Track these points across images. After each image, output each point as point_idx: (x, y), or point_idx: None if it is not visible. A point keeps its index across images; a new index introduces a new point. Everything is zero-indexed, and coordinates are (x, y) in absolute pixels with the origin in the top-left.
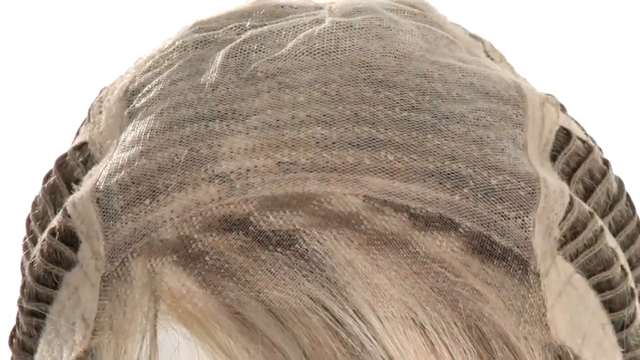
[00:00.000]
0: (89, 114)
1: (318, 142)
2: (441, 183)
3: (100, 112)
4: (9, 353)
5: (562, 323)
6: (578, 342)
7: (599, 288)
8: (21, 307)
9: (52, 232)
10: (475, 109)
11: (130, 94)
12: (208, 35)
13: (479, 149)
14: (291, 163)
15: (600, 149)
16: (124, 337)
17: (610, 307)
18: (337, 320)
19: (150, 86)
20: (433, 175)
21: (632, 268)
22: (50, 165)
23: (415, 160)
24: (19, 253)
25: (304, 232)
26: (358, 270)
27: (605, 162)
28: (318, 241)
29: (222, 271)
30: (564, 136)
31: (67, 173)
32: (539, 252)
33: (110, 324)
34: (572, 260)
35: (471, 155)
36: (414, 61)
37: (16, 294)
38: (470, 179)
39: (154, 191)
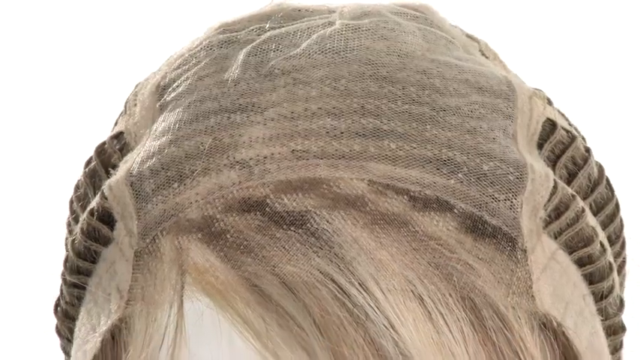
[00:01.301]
0: (125, 107)
1: (328, 132)
2: (438, 169)
3: (135, 105)
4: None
5: (546, 294)
6: (561, 311)
7: (580, 263)
8: (64, 280)
9: (92, 212)
10: (469, 102)
11: (161, 89)
12: (232, 36)
13: (472, 138)
14: (303, 151)
15: (583, 138)
16: (154, 306)
17: (590, 279)
18: (344, 292)
19: (179, 82)
20: (431, 162)
21: (612, 244)
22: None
23: (415, 148)
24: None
25: (315, 212)
26: (363, 247)
27: (587, 149)
28: (327, 221)
29: (242, 247)
30: (550, 126)
31: (105, 159)
32: (526, 230)
33: (142, 295)
34: (556, 238)
35: (465, 144)
36: (415, 59)
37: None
38: (464, 165)
39: (181, 176)
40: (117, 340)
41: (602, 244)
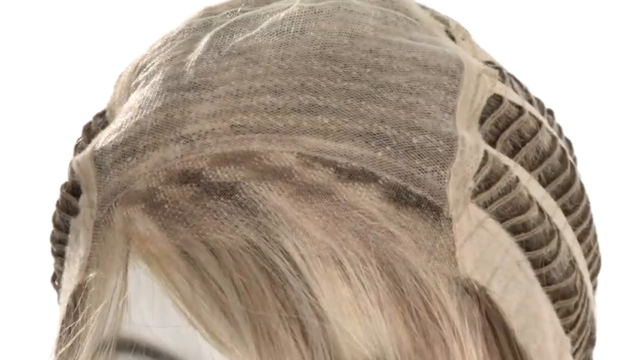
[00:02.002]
0: (113, 86)
1: (266, 108)
2: (367, 142)
3: (117, 84)
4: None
5: (470, 260)
6: (487, 276)
7: (514, 230)
8: (52, 251)
9: (64, 186)
10: (411, 79)
11: (138, 69)
12: (209, 19)
13: (406, 113)
14: (241, 126)
15: (550, 112)
16: (105, 273)
17: (527, 246)
18: (266, 258)
19: (152, 62)
20: (361, 135)
21: (568, 213)
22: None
23: (347, 122)
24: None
25: (244, 183)
26: (286, 215)
27: (539, 123)
28: (255, 191)
29: (176, 217)
30: (496, 101)
31: (89, 136)
32: (452, 200)
33: (97, 262)
34: (486, 207)
35: (398, 118)
36: (365, 40)
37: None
38: (393, 139)
39: (135, 150)
40: (77, 303)
41: (541, 212)
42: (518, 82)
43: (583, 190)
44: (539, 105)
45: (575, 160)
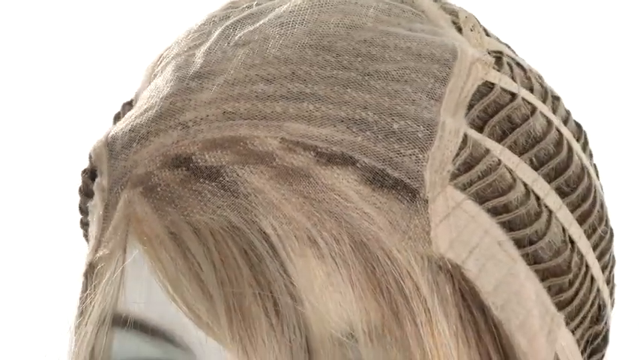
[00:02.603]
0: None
1: (257, 96)
2: (348, 127)
3: (143, 74)
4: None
5: (445, 240)
6: (463, 255)
7: (495, 211)
8: (83, 235)
9: (85, 171)
10: (401, 67)
11: (160, 60)
12: (228, 12)
13: (390, 100)
14: (232, 113)
15: (557, 98)
16: (110, 252)
17: (510, 227)
18: (244, 238)
19: (172, 53)
20: (343, 121)
21: (564, 195)
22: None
23: (331, 109)
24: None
25: (228, 167)
26: (266, 197)
27: (533, 110)
28: (237, 174)
29: (167, 199)
30: (487, 89)
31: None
32: (428, 182)
33: (106, 242)
34: (464, 189)
35: (382, 105)
36: (362, 30)
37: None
38: (374, 124)
39: (140, 137)
40: (87, 281)
41: (527, 194)
42: (524, 69)
43: (584, 173)
44: (543, 92)
45: (584, 144)
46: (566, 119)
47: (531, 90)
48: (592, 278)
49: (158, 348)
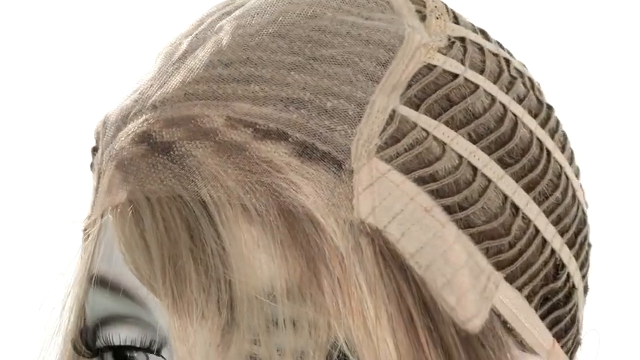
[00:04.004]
0: None
1: (214, 79)
2: (286, 106)
3: None
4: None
5: (367, 206)
6: (385, 220)
7: (422, 180)
8: None
9: (92, 148)
10: (347, 52)
11: (164, 46)
12: (230, 7)
13: (329, 81)
14: (192, 94)
15: (514, 82)
16: (94, 219)
17: (439, 194)
18: (187, 206)
19: (170, 40)
20: (282, 101)
21: (508, 165)
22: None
23: (274, 90)
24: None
25: (179, 142)
26: (207, 169)
27: (475, 88)
28: (185, 149)
29: (130, 171)
30: (427, 70)
31: None
32: (354, 155)
33: (95, 210)
34: (390, 161)
35: (319, 86)
36: (319, 19)
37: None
38: (309, 103)
39: (123, 116)
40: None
41: (459, 165)
42: (483, 53)
43: (531, 146)
44: (497, 73)
45: (545, 120)
46: (523, 98)
47: (482, 72)
48: (544, 240)
49: (121, 304)
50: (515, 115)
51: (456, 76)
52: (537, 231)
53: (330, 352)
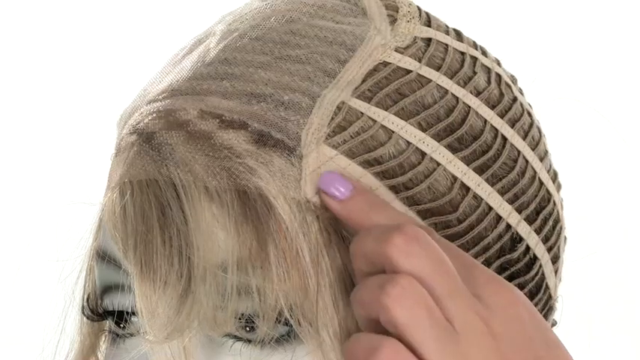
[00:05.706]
0: None
1: (196, 76)
2: (249, 100)
3: None
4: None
5: (313, 187)
6: None
7: (367, 163)
8: None
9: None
10: (311, 52)
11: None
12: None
13: (289, 77)
14: (177, 90)
15: (473, 77)
16: (108, 197)
17: (384, 175)
18: (160, 188)
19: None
20: (247, 95)
21: (457, 150)
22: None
23: (241, 85)
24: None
25: (159, 132)
26: (178, 154)
27: (427, 83)
28: (163, 137)
29: (123, 157)
30: (382, 67)
31: None
32: (304, 142)
33: (109, 187)
34: (337, 147)
35: (281, 82)
36: (295, 24)
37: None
38: (269, 97)
39: (132, 110)
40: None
41: (405, 149)
42: (446, 51)
43: (484, 133)
44: (456, 69)
45: (505, 111)
46: (482, 90)
47: (438, 68)
48: (498, 216)
49: (115, 273)
50: (469, 106)
51: (409, 72)
52: (490, 208)
53: (278, 317)
